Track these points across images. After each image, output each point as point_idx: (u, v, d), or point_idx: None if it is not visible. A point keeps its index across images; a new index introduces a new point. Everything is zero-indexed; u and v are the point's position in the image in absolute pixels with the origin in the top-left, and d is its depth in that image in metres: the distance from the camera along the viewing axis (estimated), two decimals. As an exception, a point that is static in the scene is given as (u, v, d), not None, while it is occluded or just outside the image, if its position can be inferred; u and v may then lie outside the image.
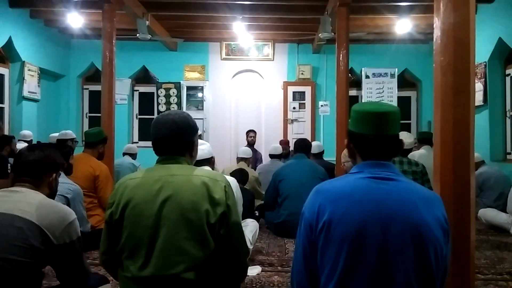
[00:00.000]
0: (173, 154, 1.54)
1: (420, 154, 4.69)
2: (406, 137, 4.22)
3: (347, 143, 1.37)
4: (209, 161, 2.74)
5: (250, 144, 6.78)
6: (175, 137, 1.53)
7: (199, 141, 2.93)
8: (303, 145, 4.53)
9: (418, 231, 1.16)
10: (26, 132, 5.76)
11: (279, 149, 5.54)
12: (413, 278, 1.14)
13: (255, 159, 6.33)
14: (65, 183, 2.97)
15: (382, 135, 1.28)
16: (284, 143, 6.62)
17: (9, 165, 3.90)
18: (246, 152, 5.11)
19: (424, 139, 5.00)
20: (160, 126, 1.54)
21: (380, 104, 1.32)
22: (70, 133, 5.37)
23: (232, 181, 2.68)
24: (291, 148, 6.39)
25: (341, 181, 1.29)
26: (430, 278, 1.17)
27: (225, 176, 1.61)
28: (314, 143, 5.49)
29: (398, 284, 1.14)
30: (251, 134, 6.94)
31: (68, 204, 2.91)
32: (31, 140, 5.56)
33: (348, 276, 1.15)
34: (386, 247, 1.15)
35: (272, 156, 5.46)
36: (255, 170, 5.40)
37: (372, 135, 1.28)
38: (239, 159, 5.07)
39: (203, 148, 2.76)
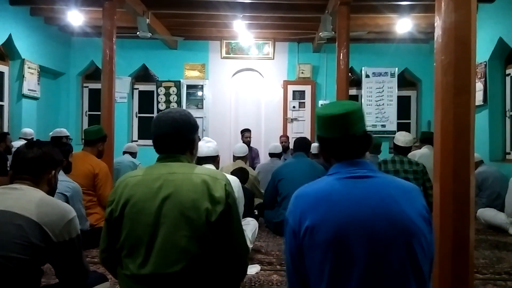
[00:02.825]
0: (174, 152, 1.54)
1: (422, 154, 4.70)
2: (405, 136, 4.28)
3: (319, 149, 1.38)
4: (214, 159, 2.74)
5: (246, 144, 6.63)
6: (176, 135, 1.53)
7: (206, 138, 2.94)
8: (302, 144, 4.51)
9: (402, 226, 1.16)
10: (27, 130, 5.74)
11: (278, 148, 5.52)
12: (402, 273, 1.15)
13: (251, 156, 6.29)
14: (64, 181, 2.97)
15: (350, 135, 1.28)
16: (284, 136, 6.72)
17: (8, 162, 3.91)
18: (242, 149, 5.00)
19: (426, 138, 5.02)
20: (162, 124, 1.53)
21: (340, 105, 1.31)
22: (64, 131, 5.38)
23: (234, 180, 2.67)
24: (291, 143, 6.39)
25: (319, 183, 1.29)
26: (419, 271, 1.17)
27: (226, 174, 1.61)
28: (314, 144, 5.47)
29: (388, 281, 1.14)
30: (246, 134, 6.76)
31: (67, 202, 2.91)
32: (32, 138, 5.55)
33: (338, 279, 1.15)
34: (372, 245, 1.15)
35: (271, 155, 5.44)
36: (253, 168, 5.38)
37: (340, 137, 1.28)
38: (235, 158, 5.01)
39: (209, 146, 2.76)
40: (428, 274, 1.23)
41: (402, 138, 4.24)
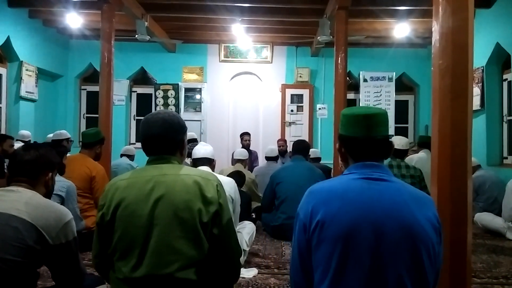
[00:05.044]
0: (164, 153, 1.53)
1: (419, 158, 4.71)
2: (401, 139, 4.32)
3: (338, 147, 1.39)
4: (210, 162, 2.75)
5: (245, 147, 6.65)
6: (166, 136, 1.52)
7: (203, 143, 2.97)
8: (301, 147, 4.51)
9: (411, 231, 1.17)
10: (24, 132, 5.72)
11: (275, 151, 5.56)
12: (406, 277, 1.15)
13: (251, 159, 6.31)
14: (58, 181, 2.95)
15: (372, 137, 1.30)
16: (282, 140, 6.76)
17: (5, 164, 3.89)
18: (242, 153, 5.08)
19: (423, 143, 5.03)
20: (151, 125, 1.52)
21: (368, 107, 1.38)
22: (64, 133, 5.32)
23: (231, 181, 2.67)
24: (289, 147, 6.43)
25: (334, 181, 1.31)
26: (423, 278, 1.17)
27: (223, 176, 1.61)
28: (313, 150, 5.56)
29: (391, 284, 1.14)
30: (246, 137, 6.80)
31: (63, 203, 2.90)
32: (30, 140, 5.54)
33: (342, 275, 1.16)
34: (378, 246, 1.16)
35: (268, 158, 5.46)
36: (251, 171, 5.39)
37: (362, 137, 1.30)
38: (235, 161, 5.06)
39: (206, 148, 2.79)
40: (433, 285, 1.23)
41: (398, 141, 4.25)
